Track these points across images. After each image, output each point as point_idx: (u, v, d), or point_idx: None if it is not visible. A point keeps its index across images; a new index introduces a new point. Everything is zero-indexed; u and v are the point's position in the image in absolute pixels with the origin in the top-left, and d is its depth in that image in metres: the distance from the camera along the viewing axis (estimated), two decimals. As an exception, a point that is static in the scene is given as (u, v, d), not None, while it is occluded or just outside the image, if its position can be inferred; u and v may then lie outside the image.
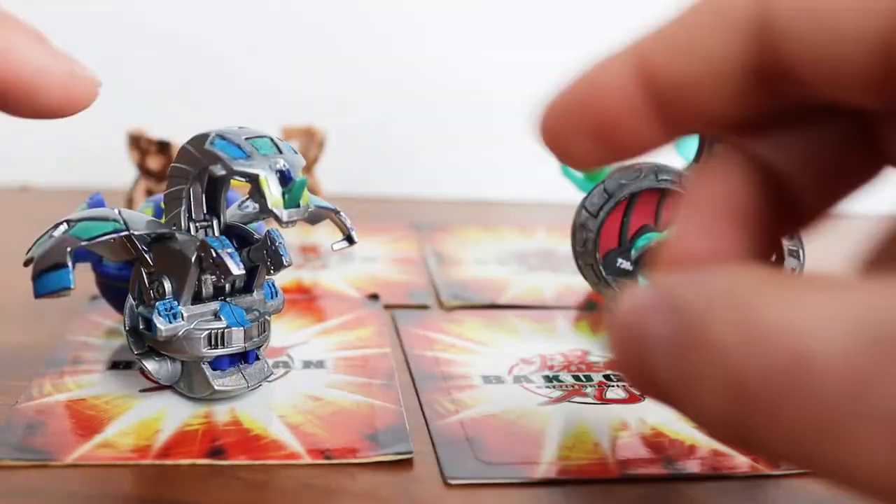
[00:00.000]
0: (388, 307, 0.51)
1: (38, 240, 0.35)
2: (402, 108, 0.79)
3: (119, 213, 0.35)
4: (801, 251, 0.44)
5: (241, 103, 0.78)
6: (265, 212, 0.34)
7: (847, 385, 0.15)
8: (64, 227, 0.35)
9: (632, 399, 0.40)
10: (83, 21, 0.75)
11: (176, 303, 0.36)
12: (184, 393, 0.38)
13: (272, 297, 0.39)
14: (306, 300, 0.51)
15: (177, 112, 0.76)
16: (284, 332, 0.46)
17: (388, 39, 0.78)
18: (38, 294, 0.34)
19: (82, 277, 0.41)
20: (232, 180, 0.37)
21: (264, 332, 0.38)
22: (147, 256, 0.36)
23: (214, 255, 0.34)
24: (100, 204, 0.40)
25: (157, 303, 0.35)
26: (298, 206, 0.34)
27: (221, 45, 0.77)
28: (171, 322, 0.35)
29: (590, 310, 0.52)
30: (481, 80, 0.79)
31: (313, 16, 0.77)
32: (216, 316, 0.36)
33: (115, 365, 0.41)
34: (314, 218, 0.41)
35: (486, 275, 0.57)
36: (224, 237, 0.36)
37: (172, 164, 0.36)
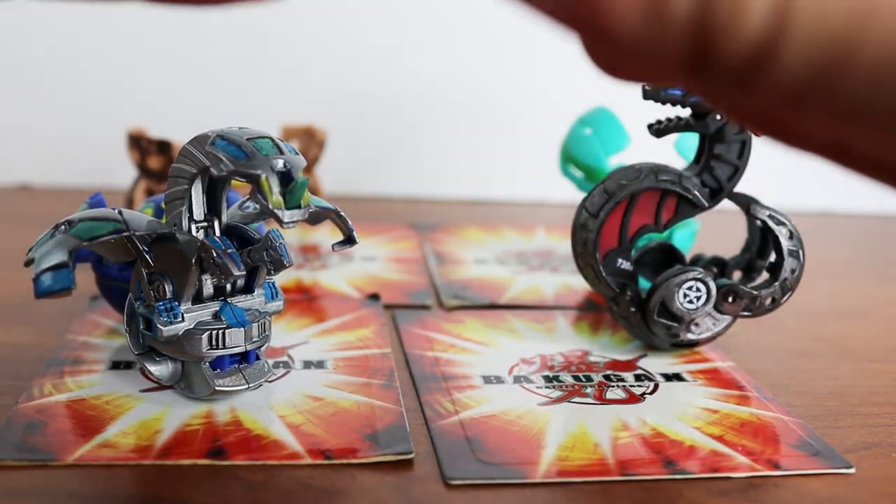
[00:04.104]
0: (388, 307, 0.51)
1: (38, 240, 0.35)
2: (402, 108, 0.79)
3: (120, 213, 0.35)
4: (800, 251, 0.44)
5: (241, 103, 0.78)
6: (266, 212, 0.34)
7: None
8: (65, 227, 0.35)
9: (632, 399, 0.40)
10: (84, 21, 0.75)
11: (176, 303, 0.36)
12: (184, 393, 0.38)
13: (272, 298, 0.39)
14: (306, 300, 0.51)
15: (177, 112, 0.76)
16: (285, 333, 0.46)
17: (388, 40, 0.78)
18: (39, 294, 0.34)
19: (83, 278, 0.41)
20: (233, 180, 0.37)
21: (264, 332, 0.38)
22: (148, 257, 0.36)
23: (215, 255, 0.34)
24: (100, 204, 0.40)
25: (158, 303, 0.36)
26: (299, 206, 0.34)
27: (222, 45, 0.77)
28: (171, 322, 0.35)
29: (590, 310, 0.52)
30: (481, 80, 0.79)
31: (314, 16, 0.77)
32: (216, 316, 0.36)
33: (116, 365, 0.41)
34: (315, 218, 0.41)
35: (486, 275, 0.57)
36: (225, 237, 0.36)
37: (173, 165, 0.36)
